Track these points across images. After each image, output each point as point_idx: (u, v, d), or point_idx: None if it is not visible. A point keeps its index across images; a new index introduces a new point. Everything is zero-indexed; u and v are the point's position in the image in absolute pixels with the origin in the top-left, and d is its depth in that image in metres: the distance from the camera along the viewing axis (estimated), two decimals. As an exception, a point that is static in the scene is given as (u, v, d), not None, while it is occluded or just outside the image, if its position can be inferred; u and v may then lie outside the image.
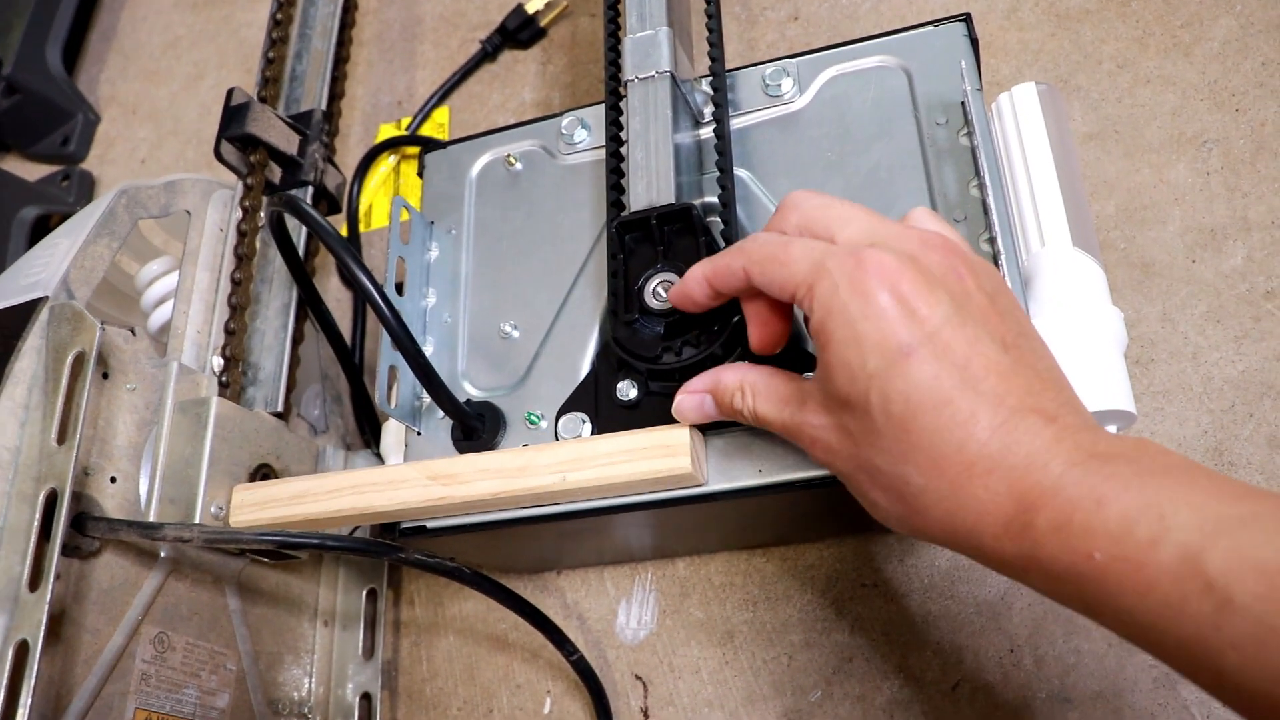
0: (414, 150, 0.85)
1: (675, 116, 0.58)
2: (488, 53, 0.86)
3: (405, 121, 0.87)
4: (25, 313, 0.57)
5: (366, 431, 0.75)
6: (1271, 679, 0.32)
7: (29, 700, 0.49)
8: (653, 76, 0.58)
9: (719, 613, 0.65)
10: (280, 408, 0.65)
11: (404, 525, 0.58)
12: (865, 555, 0.63)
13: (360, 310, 0.79)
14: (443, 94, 0.86)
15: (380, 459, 0.73)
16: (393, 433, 0.63)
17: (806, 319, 0.43)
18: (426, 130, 0.85)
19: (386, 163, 0.86)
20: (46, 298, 0.58)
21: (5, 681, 0.50)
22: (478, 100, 0.86)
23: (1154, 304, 0.63)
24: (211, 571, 0.63)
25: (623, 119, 0.60)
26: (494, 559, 0.67)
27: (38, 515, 0.53)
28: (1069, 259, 0.54)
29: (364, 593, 0.71)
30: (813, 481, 0.51)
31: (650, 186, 0.56)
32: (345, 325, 0.80)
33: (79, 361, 0.56)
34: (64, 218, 0.95)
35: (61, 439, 0.54)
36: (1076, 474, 0.37)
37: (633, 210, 0.55)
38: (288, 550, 0.57)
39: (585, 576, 0.69)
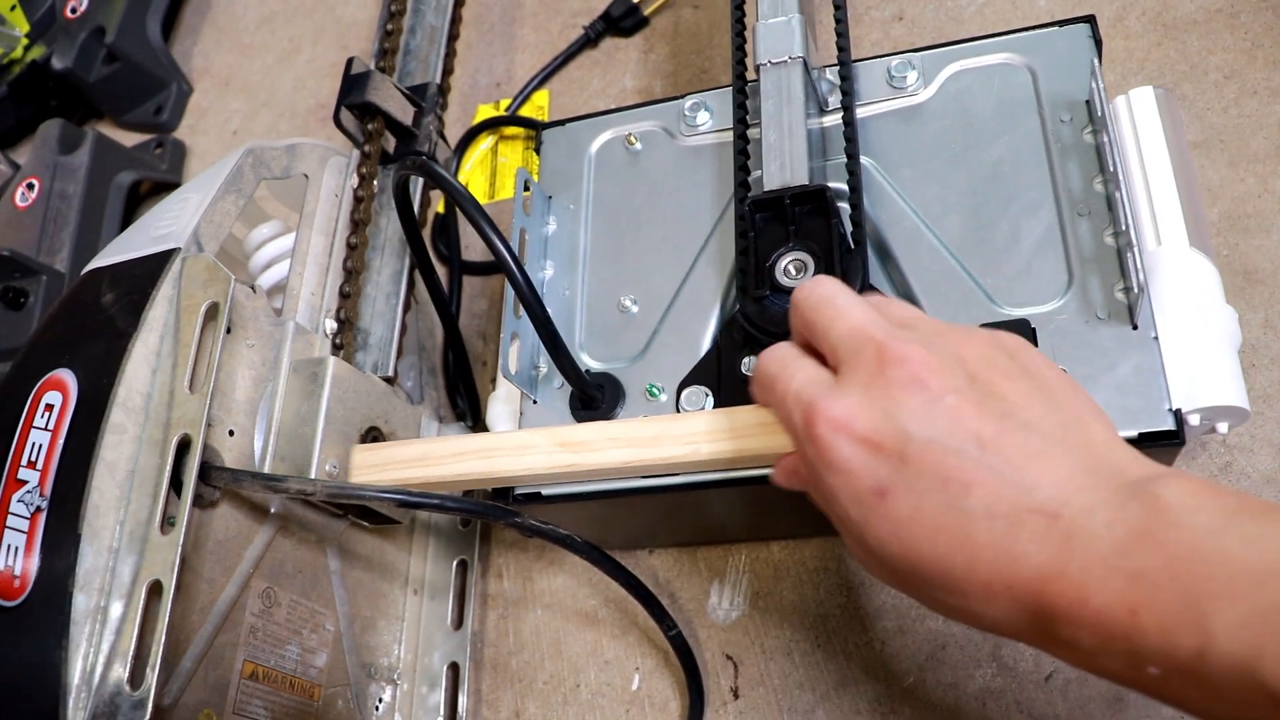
0: (512, 131, 0.86)
1: (806, 101, 0.59)
2: (590, 38, 0.87)
3: (504, 103, 0.88)
4: (159, 263, 0.58)
5: (460, 405, 0.75)
6: None
7: (162, 638, 0.50)
8: (785, 61, 0.59)
9: (812, 596, 0.66)
10: (391, 372, 0.66)
11: (518, 491, 0.59)
12: (961, 546, 0.64)
13: (456, 284, 0.80)
14: (544, 76, 0.87)
15: (473, 432, 0.74)
16: (502, 401, 0.63)
17: None
18: (525, 112, 0.87)
19: (485, 142, 0.87)
20: (179, 249, 0.59)
21: (139, 619, 0.51)
22: (578, 85, 0.87)
23: (1256, 311, 0.64)
24: (315, 531, 0.64)
25: (748, 102, 0.62)
26: (591, 533, 0.67)
27: (170, 459, 0.54)
28: (1186, 258, 0.55)
29: (454, 563, 0.72)
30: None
31: (784, 168, 0.57)
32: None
33: (213, 312, 0.57)
34: (156, 184, 0.97)
35: (193, 388, 0.55)
36: (1099, 577, 0.33)
37: (765, 190, 0.56)
38: (409, 508, 0.57)
39: (678, 556, 0.69)
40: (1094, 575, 0.33)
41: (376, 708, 0.67)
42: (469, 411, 0.74)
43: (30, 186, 0.89)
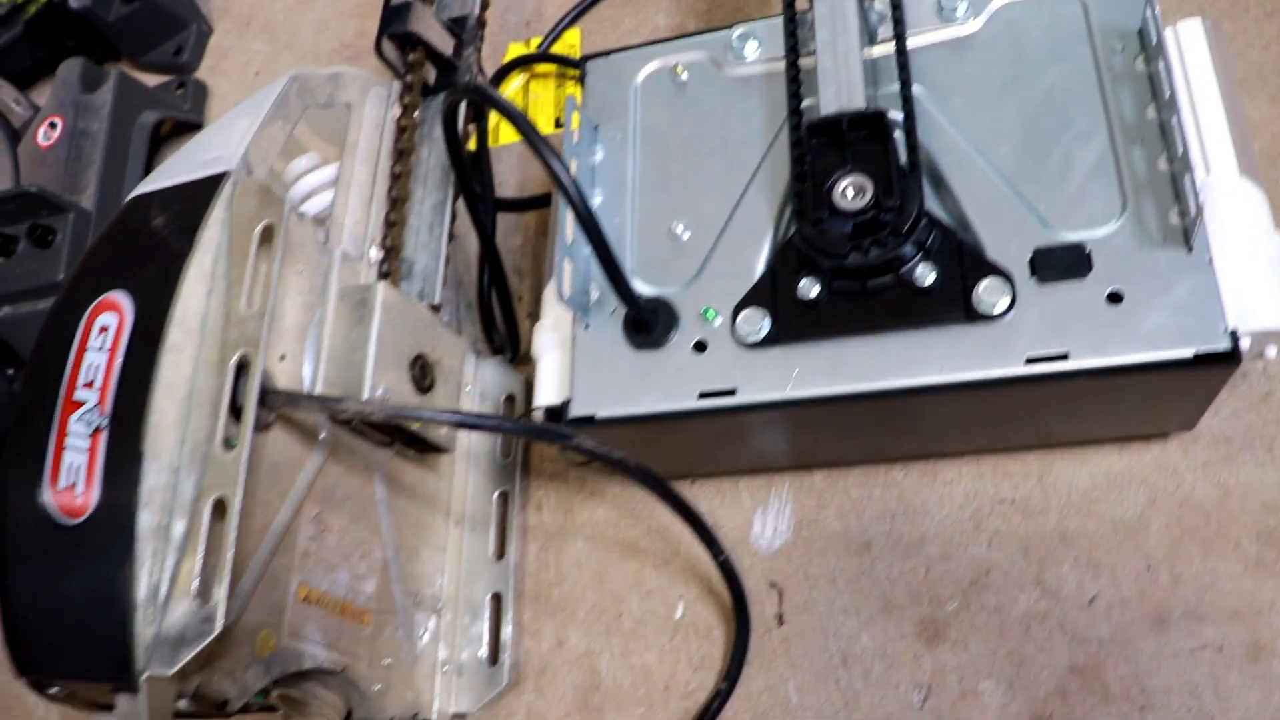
0: (544, 68, 0.86)
1: (860, 29, 0.59)
2: (622, -23, 0.87)
3: (534, 41, 0.88)
4: (210, 186, 0.58)
5: (496, 339, 0.76)
6: None
7: (230, 553, 0.50)
8: (839, -12, 0.60)
9: (856, 524, 0.66)
10: (437, 300, 0.66)
11: (572, 415, 0.59)
12: (1003, 472, 0.65)
13: (490, 220, 0.80)
14: (576, 15, 0.87)
15: (510, 366, 0.74)
16: (548, 330, 0.64)
17: None
18: (557, 51, 0.86)
19: (516, 80, 0.87)
20: (229, 172, 0.58)
21: (204, 536, 0.51)
22: (610, 24, 0.87)
23: (1295, 243, 0.64)
24: (363, 458, 0.64)
25: (798, 31, 0.62)
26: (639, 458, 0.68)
27: (230, 378, 0.54)
28: (1237, 186, 0.55)
29: (495, 495, 0.72)
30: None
31: (840, 93, 0.57)
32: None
33: (268, 234, 0.56)
34: (177, 125, 0.96)
35: (251, 308, 0.55)
36: None
37: (822, 115, 0.56)
38: (467, 429, 0.58)
39: (720, 486, 0.70)
40: None
41: (422, 636, 0.68)
42: (508, 344, 0.74)
43: (52, 125, 0.88)
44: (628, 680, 0.68)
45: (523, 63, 0.86)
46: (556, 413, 0.61)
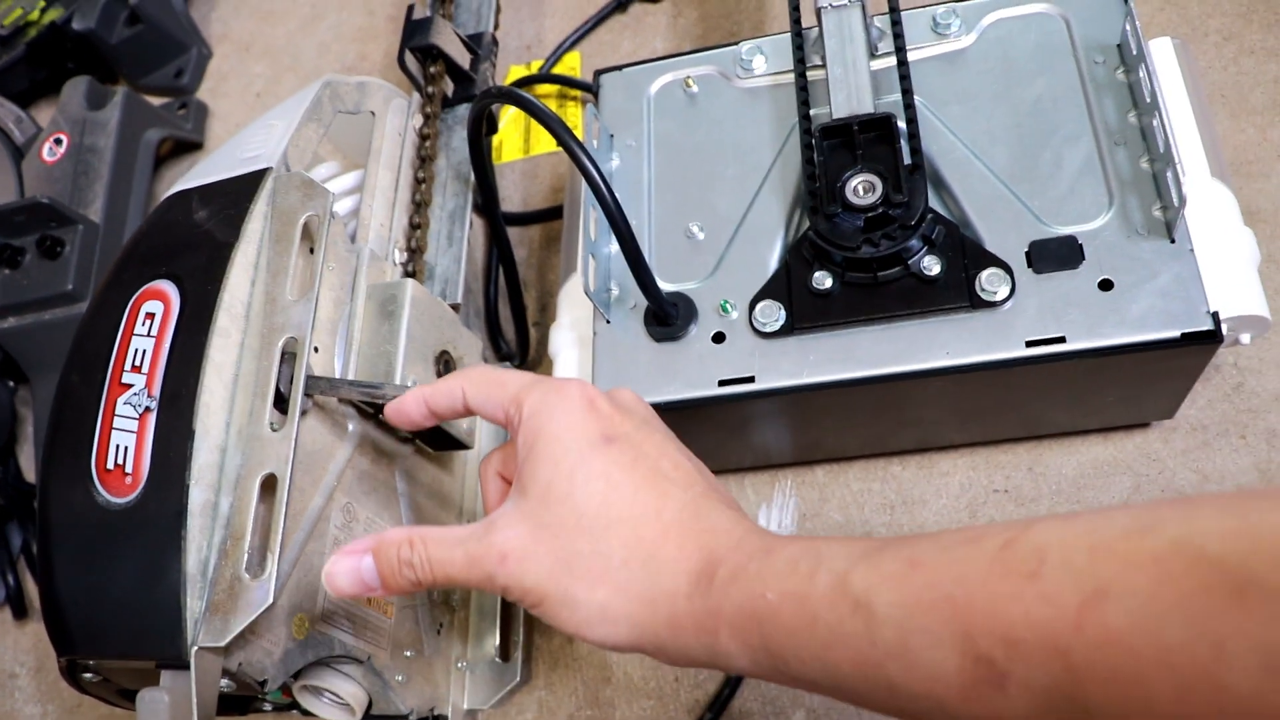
0: (545, 89, 0.89)
1: (866, 40, 0.63)
2: (619, 3, 0.91)
3: (535, 64, 0.92)
4: (253, 181, 0.60)
5: (504, 347, 0.78)
6: (928, 679, 0.36)
7: (282, 525, 0.52)
8: (845, 4, 0.64)
9: (857, 516, 0.70)
10: (459, 299, 0.68)
11: (596, 403, 0.62)
12: (996, 463, 0.68)
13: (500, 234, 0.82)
14: (576, 39, 0.90)
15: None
16: (566, 329, 0.66)
17: (515, 437, 0.49)
18: (558, 73, 0.90)
19: (518, 101, 0.90)
20: (271, 169, 0.61)
21: (253, 511, 0.53)
22: (609, 47, 0.91)
23: (1260, 248, 0.69)
24: (387, 453, 0.66)
25: (805, 45, 0.66)
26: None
27: (276, 361, 0.56)
28: (1209, 186, 0.60)
29: (506, 494, 0.74)
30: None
31: (850, 98, 0.61)
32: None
33: (313, 225, 0.59)
34: (177, 145, 0.98)
35: (297, 295, 0.57)
36: (753, 537, 0.44)
37: (835, 118, 0.61)
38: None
39: (725, 482, 0.72)
40: (749, 537, 0.45)
41: (439, 632, 0.69)
42: (517, 351, 0.77)
43: (58, 142, 0.90)
44: (638, 673, 0.70)
45: (525, 84, 0.89)
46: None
